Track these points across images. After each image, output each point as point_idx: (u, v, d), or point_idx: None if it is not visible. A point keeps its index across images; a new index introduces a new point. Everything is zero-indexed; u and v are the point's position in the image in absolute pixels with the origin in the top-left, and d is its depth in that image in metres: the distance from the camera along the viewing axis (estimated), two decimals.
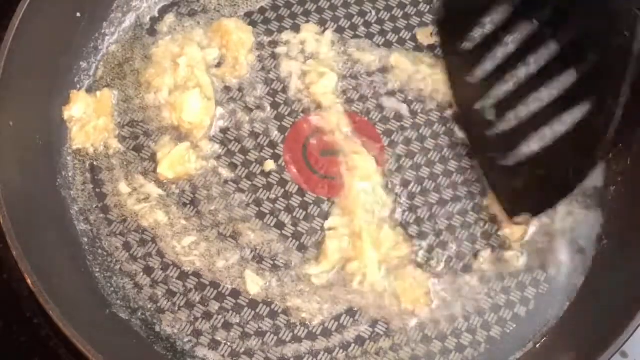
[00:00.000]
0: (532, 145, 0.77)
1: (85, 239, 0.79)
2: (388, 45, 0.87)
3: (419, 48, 0.87)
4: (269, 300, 0.77)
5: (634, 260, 0.75)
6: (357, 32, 0.88)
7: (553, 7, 0.78)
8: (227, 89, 0.85)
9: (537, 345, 0.77)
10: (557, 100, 0.77)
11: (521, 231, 0.80)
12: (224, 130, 0.84)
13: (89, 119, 0.83)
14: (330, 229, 0.80)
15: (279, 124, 0.84)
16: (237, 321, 0.76)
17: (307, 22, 0.88)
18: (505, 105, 0.80)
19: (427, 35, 0.88)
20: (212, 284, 0.77)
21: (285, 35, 0.88)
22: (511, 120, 0.79)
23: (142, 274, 0.78)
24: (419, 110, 0.85)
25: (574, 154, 0.75)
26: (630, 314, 0.69)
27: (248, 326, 0.76)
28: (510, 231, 0.80)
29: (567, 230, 0.80)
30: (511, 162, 0.78)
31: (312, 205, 0.81)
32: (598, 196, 0.82)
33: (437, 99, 0.85)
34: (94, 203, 0.80)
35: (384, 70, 0.86)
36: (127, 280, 0.77)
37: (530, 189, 0.78)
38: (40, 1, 0.76)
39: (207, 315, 0.76)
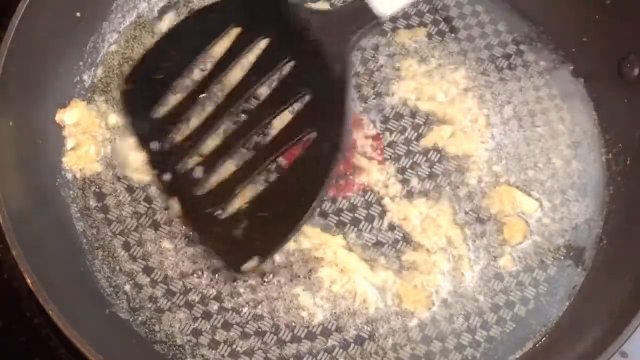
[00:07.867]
0: (248, 192, 0.76)
1: (85, 239, 0.79)
2: None
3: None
4: (269, 299, 0.77)
5: (634, 260, 0.75)
6: None
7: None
8: None
9: (537, 345, 0.77)
10: (278, 137, 0.76)
11: (522, 231, 0.80)
12: None
13: (83, 132, 0.82)
14: None
15: None
16: (237, 321, 0.76)
17: None
18: (212, 159, 0.77)
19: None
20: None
21: None
22: (221, 172, 0.76)
23: (141, 273, 0.78)
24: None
25: (297, 188, 0.73)
26: (629, 314, 0.69)
27: (247, 326, 0.76)
28: (510, 231, 0.80)
29: (567, 230, 0.81)
30: (229, 212, 0.75)
31: None
32: (597, 196, 0.82)
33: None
34: (94, 203, 0.80)
35: None
36: (127, 280, 0.78)
37: (254, 233, 0.74)
38: (40, 1, 0.76)
39: (207, 315, 0.76)
